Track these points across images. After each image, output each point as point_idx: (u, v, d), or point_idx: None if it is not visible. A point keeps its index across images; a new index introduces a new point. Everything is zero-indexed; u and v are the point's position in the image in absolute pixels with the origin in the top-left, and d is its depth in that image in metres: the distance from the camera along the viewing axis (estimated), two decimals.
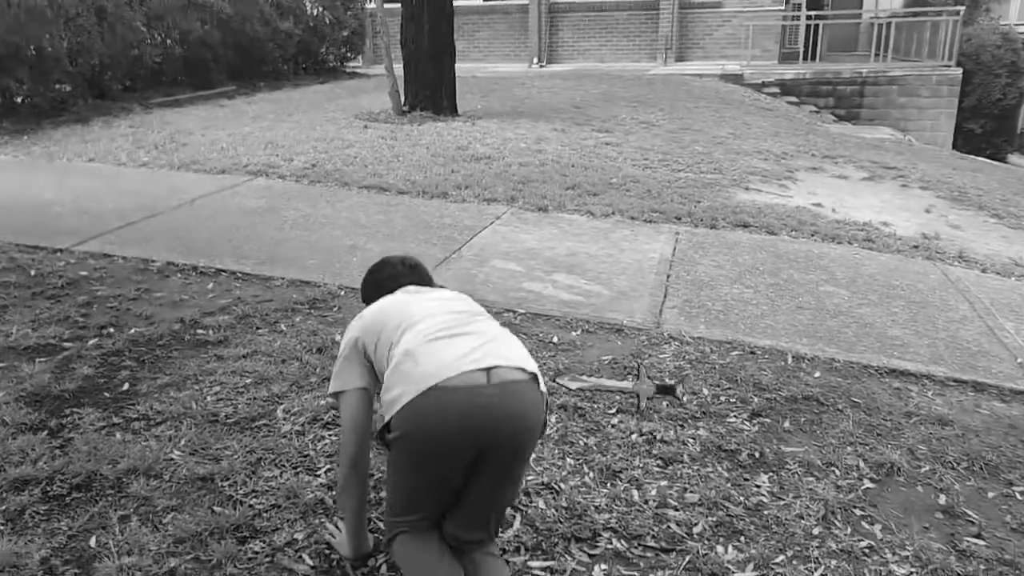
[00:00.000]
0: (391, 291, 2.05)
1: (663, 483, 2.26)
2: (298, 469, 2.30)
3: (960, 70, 13.29)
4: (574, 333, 3.31)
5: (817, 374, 3.03)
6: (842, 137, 10.37)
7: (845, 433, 2.59)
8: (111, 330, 3.21)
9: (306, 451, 2.38)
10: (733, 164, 7.47)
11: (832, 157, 8.62)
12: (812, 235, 5.10)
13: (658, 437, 2.48)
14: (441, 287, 2.16)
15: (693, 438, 2.50)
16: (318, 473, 2.28)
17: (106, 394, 2.70)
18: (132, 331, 3.20)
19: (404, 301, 1.96)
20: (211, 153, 6.71)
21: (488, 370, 1.70)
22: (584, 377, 2.72)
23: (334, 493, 2.14)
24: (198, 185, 5.62)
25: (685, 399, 2.74)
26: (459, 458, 1.73)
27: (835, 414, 2.72)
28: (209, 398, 2.68)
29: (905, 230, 5.55)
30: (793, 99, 13.27)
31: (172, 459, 2.32)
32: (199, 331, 3.21)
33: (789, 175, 7.25)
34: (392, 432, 1.73)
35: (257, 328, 3.25)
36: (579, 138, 8.15)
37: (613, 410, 2.66)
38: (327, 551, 1.96)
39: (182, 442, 2.40)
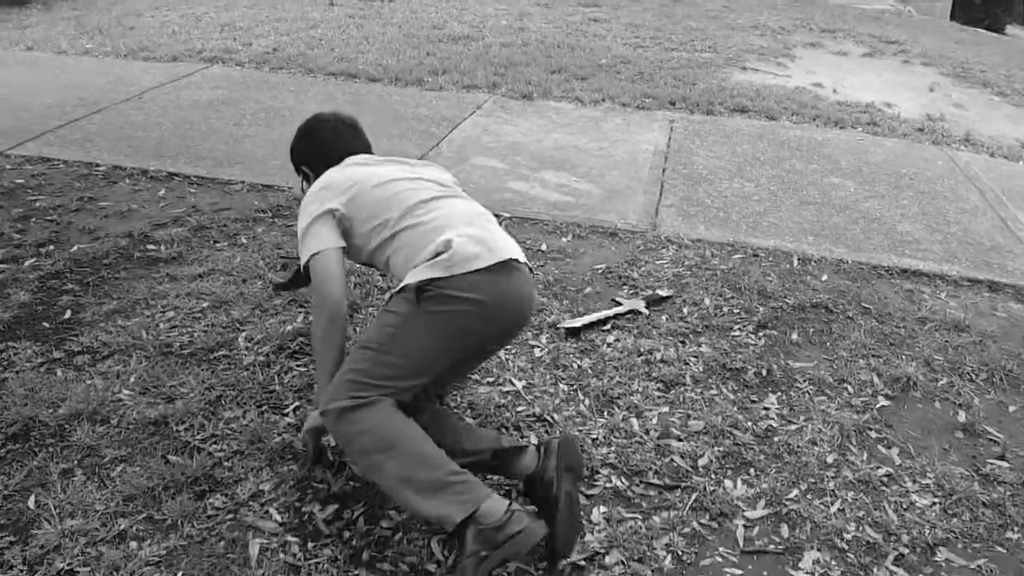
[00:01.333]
0: (339, 156, 1.88)
1: (664, 410, 2.01)
2: (263, 407, 2.01)
3: None
4: (564, 239, 2.96)
5: (825, 277, 2.74)
6: (841, 9, 9.53)
7: (857, 344, 2.34)
8: (51, 248, 2.80)
9: (271, 386, 2.09)
10: (728, 41, 6.80)
11: (831, 31, 7.91)
12: (814, 119, 4.65)
13: (658, 357, 2.21)
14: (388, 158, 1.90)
15: (695, 356, 2.23)
16: (285, 411, 1.99)
17: (45, 324, 2.36)
18: (74, 248, 2.79)
19: (383, 175, 1.78)
20: (161, 38, 5.93)
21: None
22: (579, 319, 2.39)
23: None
24: (147, 75, 4.94)
25: (686, 311, 2.47)
26: (497, 335, 1.69)
27: (845, 323, 2.46)
28: (162, 325, 2.33)
29: (909, 111, 5.11)
30: None
31: (120, 400, 2.02)
32: (149, 247, 2.80)
33: (787, 52, 6.63)
34: (450, 291, 1.57)
35: (215, 242, 2.84)
36: (564, 14, 7.35)
37: (608, 326, 2.39)
38: (297, 504, 1.72)
39: (131, 379, 2.10)
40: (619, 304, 2.47)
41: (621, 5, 8.00)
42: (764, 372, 2.17)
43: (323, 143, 1.91)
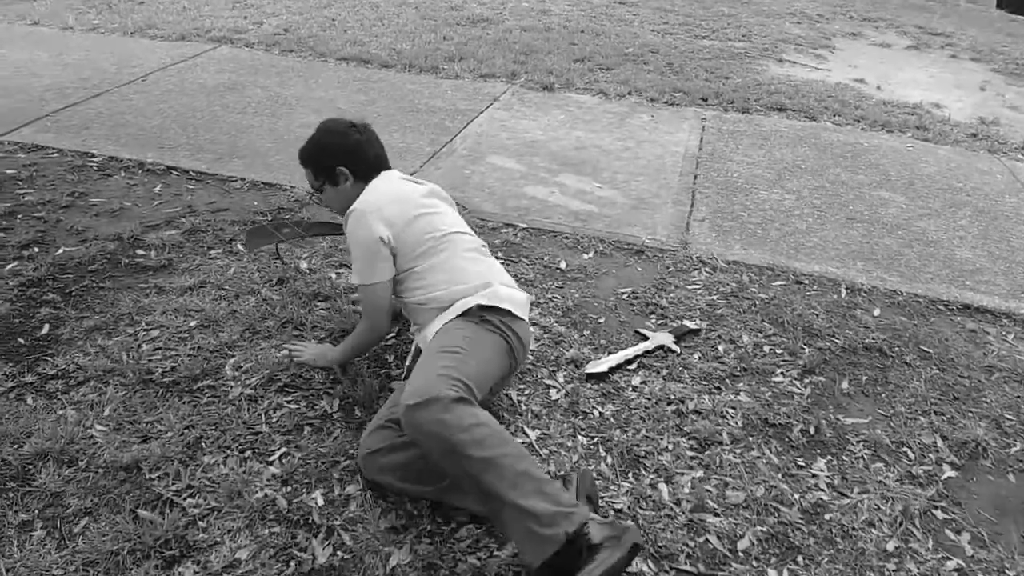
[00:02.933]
0: (376, 157, 2.00)
1: (698, 474, 1.76)
2: (246, 453, 1.78)
3: None
4: (586, 256, 2.68)
5: (877, 312, 2.46)
6: None
7: (916, 397, 2.06)
8: (35, 250, 2.58)
9: (257, 425, 1.86)
10: (763, 29, 6.40)
11: (872, 20, 7.45)
12: (858, 121, 4.30)
13: (690, 406, 1.95)
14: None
15: (733, 407, 1.97)
16: (271, 459, 1.76)
17: (20, 340, 2.14)
18: (60, 251, 2.57)
19: (415, 197, 1.93)
20: (170, 15, 5.67)
21: None
22: (604, 361, 2.12)
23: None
24: (152, 55, 4.68)
25: (721, 349, 2.21)
26: (510, 373, 1.83)
27: (902, 369, 2.18)
28: (144, 347, 2.10)
29: (959, 112, 4.73)
30: None
31: (92, 437, 1.80)
32: (139, 252, 2.57)
33: (826, 42, 6.23)
34: (499, 318, 1.77)
35: (208, 248, 2.60)
36: None
37: (634, 366, 2.14)
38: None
39: (106, 411, 1.87)
40: (644, 338, 2.22)
41: None
42: (812, 430, 1.91)
43: (360, 144, 1.98)
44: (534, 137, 3.73)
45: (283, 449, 1.79)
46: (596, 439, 1.85)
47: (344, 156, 1.97)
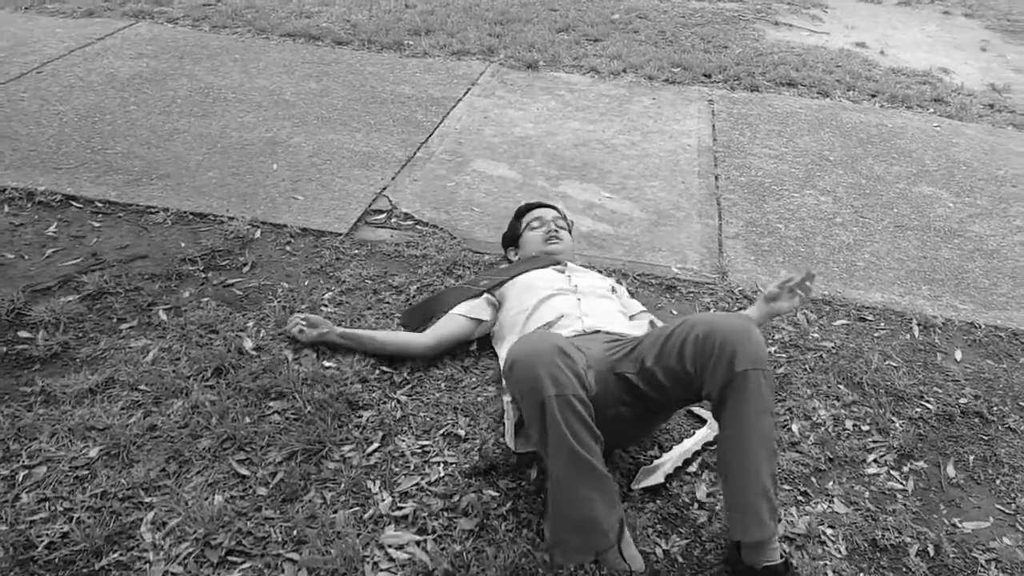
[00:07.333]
0: None
1: None
2: None
3: None
4: None
5: (959, 355, 2.02)
6: None
7: None
8: None
9: None
10: None
11: None
12: (873, 96, 3.82)
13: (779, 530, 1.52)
14: None
15: (830, 524, 1.49)
16: None
17: None
18: None
19: None
20: None
21: None
22: (657, 465, 1.60)
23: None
24: (51, 37, 3.81)
25: (796, 429, 1.77)
26: None
27: (1009, 440, 1.74)
28: (24, 498, 1.44)
29: (969, 79, 4.31)
30: None
31: None
32: (20, 335, 1.86)
33: (818, 1, 5.71)
34: None
35: (119, 320, 1.93)
36: None
37: (694, 466, 1.63)
38: None
39: None
40: (700, 420, 1.72)
41: None
42: (931, 550, 1.47)
43: None
44: (524, 132, 3.14)
45: None
46: None
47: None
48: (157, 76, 3.41)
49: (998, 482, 1.64)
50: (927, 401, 1.83)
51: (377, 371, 1.81)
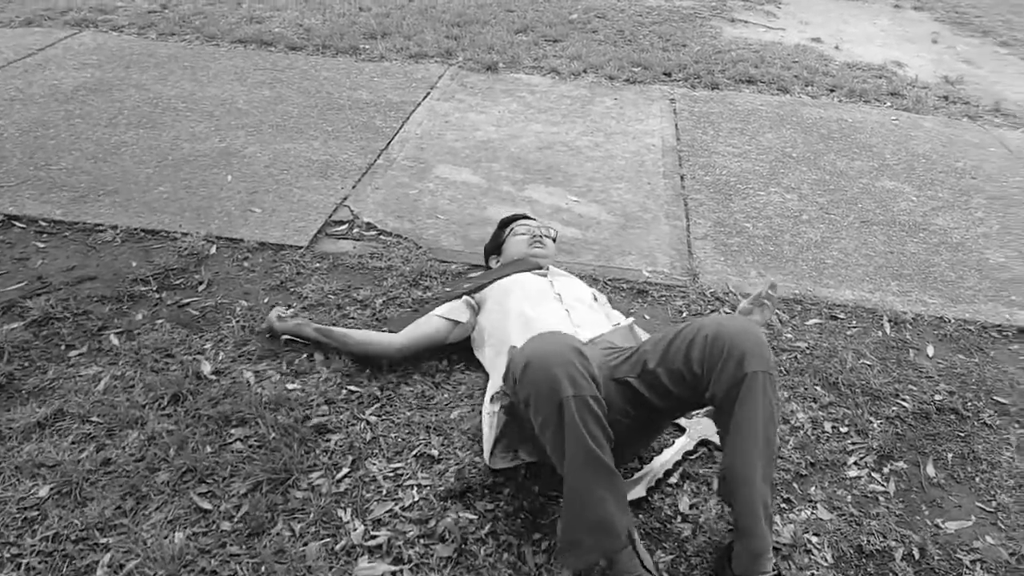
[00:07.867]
0: None
1: None
2: None
3: None
4: None
5: (931, 351, 2.02)
6: None
7: (1014, 476, 1.64)
8: None
9: None
10: None
11: None
12: (831, 91, 3.86)
13: None
14: None
15: (815, 531, 1.46)
16: None
17: None
18: None
19: None
20: None
21: None
22: (639, 477, 1.54)
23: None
24: None
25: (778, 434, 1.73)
26: None
27: (986, 435, 1.74)
28: None
29: (923, 71, 4.39)
30: None
31: None
32: None
33: None
34: None
35: (67, 347, 1.81)
36: None
37: (675, 477, 1.60)
38: None
39: None
40: (680, 430, 1.69)
41: None
42: (915, 553, 1.45)
43: None
44: (487, 135, 3.07)
45: None
46: None
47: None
48: (102, 87, 3.24)
49: (977, 479, 1.63)
50: (903, 399, 1.82)
51: (344, 391, 1.72)
